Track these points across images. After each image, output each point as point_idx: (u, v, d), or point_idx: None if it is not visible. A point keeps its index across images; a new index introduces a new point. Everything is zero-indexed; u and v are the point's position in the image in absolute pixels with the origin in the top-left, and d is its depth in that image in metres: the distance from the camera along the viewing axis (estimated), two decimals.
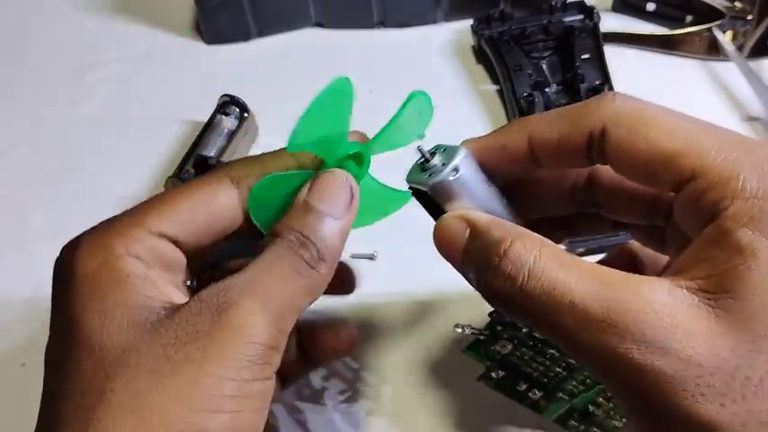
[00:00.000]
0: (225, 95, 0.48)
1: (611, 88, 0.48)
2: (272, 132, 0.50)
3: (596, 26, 0.52)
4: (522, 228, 0.23)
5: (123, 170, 0.49)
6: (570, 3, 0.53)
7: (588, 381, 0.32)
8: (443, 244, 0.25)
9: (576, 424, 0.33)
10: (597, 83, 0.47)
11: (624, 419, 0.32)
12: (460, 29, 0.57)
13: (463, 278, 0.25)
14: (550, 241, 0.22)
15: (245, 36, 0.57)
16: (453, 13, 0.57)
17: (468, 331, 0.32)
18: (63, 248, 0.25)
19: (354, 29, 0.58)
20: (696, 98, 0.50)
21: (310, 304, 0.24)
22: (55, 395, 0.21)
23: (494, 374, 0.33)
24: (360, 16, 0.57)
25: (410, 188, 0.27)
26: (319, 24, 0.58)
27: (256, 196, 0.25)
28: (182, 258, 0.25)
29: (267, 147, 0.50)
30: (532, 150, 0.25)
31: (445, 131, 0.52)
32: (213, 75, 0.55)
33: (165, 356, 0.21)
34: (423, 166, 0.27)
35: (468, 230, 0.24)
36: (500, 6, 0.55)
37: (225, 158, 0.45)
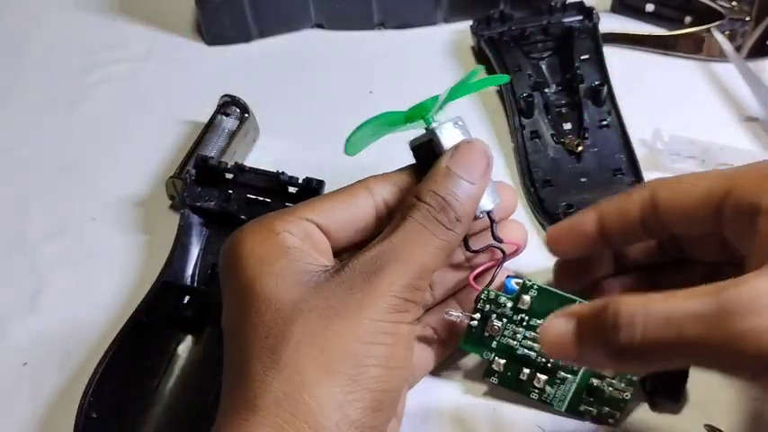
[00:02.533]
0: (225, 96, 0.49)
1: (610, 89, 0.48)
2: (272, 133, 0.50)
3: (596, 27, 0.52)
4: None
5: (123, 170, 0.49)
6: (570, 3, 0.53)
7: None
8: (554, 344, 0.27)
9: (588, 408, 0.34)
10: (596, 83, 0.48)
11: (630, 390, 0.33)
12: (460, 30, 0.57)
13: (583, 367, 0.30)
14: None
15: (245, 37, 0.57)
16: (453, 15, 0.57)
17: (457, 315, 0.33)
18: (228, 237, 0.30)
19: (355, 30, 0.58)
20: (695, 99, 0.51)
21: (447, 261, 0.31)
22: (240, 344, 0.27)
23: (495, 367, 0.34)
24: (360, 17, 0.57)
25: (413, 148, 0.33)
26: (320, 25, 0.58)
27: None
28: (327, 242, 0.30)
29: (267, 147, 0.50)
30: (602, 229, 0.32)
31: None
32: (214, 75, 0.56)
33: (330, 306, 0.26)
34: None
35: (573, 321, 0.26)
36: (500, 7, 0.55)
37: (225, 159, 0.45)
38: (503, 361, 0.34)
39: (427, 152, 0.32)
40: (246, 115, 0.48)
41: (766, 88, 0.49)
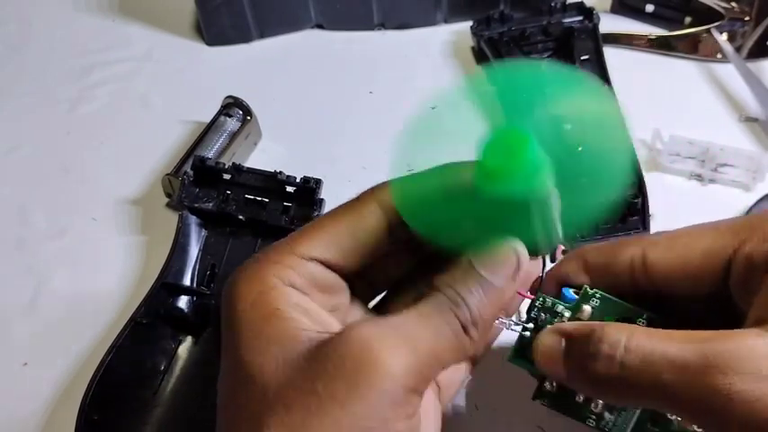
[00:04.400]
0: (229, 97, 0.49)
1: (610, 89, 0.48)
2: (272, 133, 0.50)
3: (596, 27, 0.52)
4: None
5: (123, 170, 0.49)
6: (570, 4, 0.53)
7: None
8: (545, 358, 0.26)
9: None
10: None
11: None
12: (460, 30, 0.57)
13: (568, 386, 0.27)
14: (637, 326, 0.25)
15: (245, 37, 0.57)
16: (453, 15, 0.57)
17: (507, 322, 0.29)
18: (228, 280, 0.26)
19: (355, 30, 0.58)
20: (695, 99, 0.51)
21: (456, 363, 0.25)
22: (227, 418, 0.24)
23: (548, 386, 0.30)
24: (360, 18, 0.57)
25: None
26: (320, 26, 0.58)
27: (401, 192, 0.26)
28: (339, 281, 0.26)
29: (268, 150, 0.50)
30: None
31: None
32: (214, 75, 0.56)
33: (314, 392, 0.22)
34: None
35: (563, 339, 0.26)
36: (499, 8, 0.55)
37: (224, 160, 0.45)
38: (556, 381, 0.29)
39: None
40: (249, 118, 0.48)
41: (766, 88, 0.49)
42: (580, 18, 0.53)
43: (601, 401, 0.29)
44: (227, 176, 0.42)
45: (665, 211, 0.43)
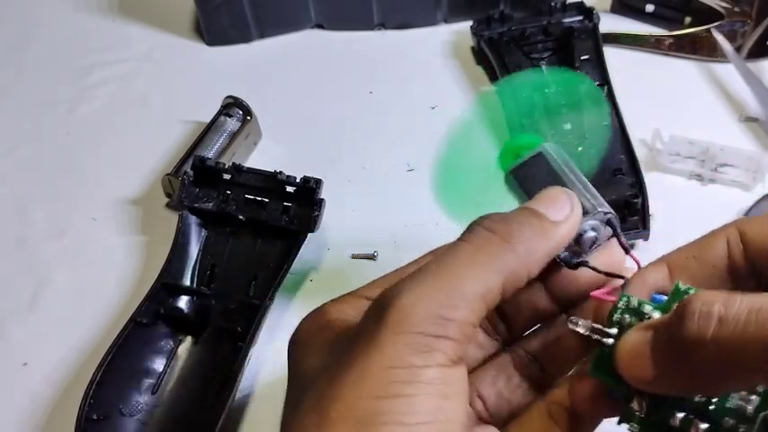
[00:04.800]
0: (229, 97, 0.49)
1: (610, 89, 0.48)
2: (272, 133, 0.50)
3: (596, 27, 0.52)
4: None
5: (123, 170, 0.49)
6: (569, 4, 0.53)
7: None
8: (627, 360, 0.23)
9: None
10: (596, 83, 0.48)
11: None
12: (460, 30, 0.57)
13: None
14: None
15: (245, 37, 0.57)
16: (453, 15, 0.57)
17: (585, 325, 0.25)
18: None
19: (355, 30, 0.58)
20: (695, 99, 0.51)
21: (512, 288, 0.24)
22: (281, 425, 0.24)
23: (636, 407, 0.24)
24: (360, 18, 0.57)
25: (511, 172, 0.29)
26: (320, 26, 0.58)
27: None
28: None
29: (268, 150, 0.50)
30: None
31: (445, 132, 0.52)
32: (214, 75, 0.56)
33: (339, 362, 0.22)
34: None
35: (651, 331, 0.22)
36: (500, 7, 0.55)
37: (224, 159, 0.45)
38: (646, 398, 0.24)
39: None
40: (249, 118, 0.48)
41: (766, 88, 0.49)
42: (580, 18, 0.53)
43: (703, 426, 0.23)
44: (227, 176, 0.42)
45: (665, 211, 0.43)
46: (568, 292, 0.27)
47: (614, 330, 0.25)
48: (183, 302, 0.39)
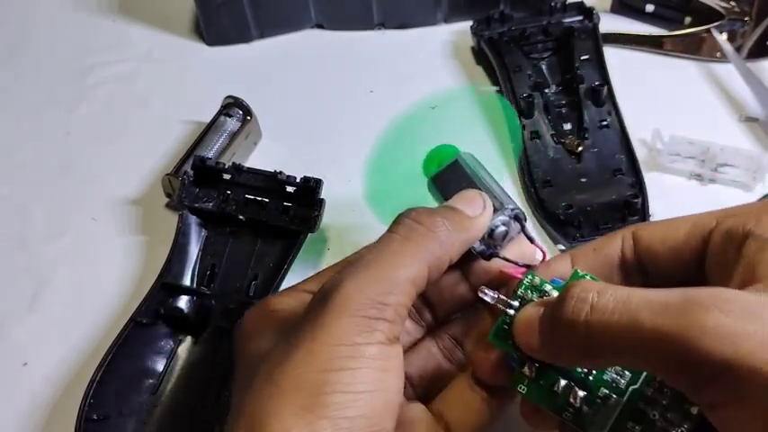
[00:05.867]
0: (229, 97, 0.49)
1: (610, 89, 0.48)
2: (272, 133, 0.50)
3: (596, 27, 0.52)
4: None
5: (123, 170, 0.49)
6: (569, 4, 0.53)
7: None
8: (520, 330, 0.27)
9: None
10: (596, 84, 0.48)
11: (686, 426, 0.26)
12: (460, 30, 0.57)
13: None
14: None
15: (245, 37, 0.57)
16: (453, 15, 0.57)
17: (492, 296, 0.29)
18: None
19: (355, 30, 0.58)
20: (695, 99, 0.51)
21: (436, 274, 0.27)
22: (231, 406, 0.27)
23: (527, 372, 0.28)
24: (360, 17, 0.57)
25: (432, 178, 0.34)
26: (320, 26, 0.58)
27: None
28: None
29: (268, 150, 0.50)
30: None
31: (445, 132, 0.52)
32: (214, 76, 0.56)
33: (288, 342, 0.25)
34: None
35: (542, 307, 0.26)
36: (500, 7, 0.55)
37: (224, 160, 0.45)
38: (536, 365, 0.28)
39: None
40: (249, 118, 0.48)
41: (766, 88, 0.49)
42: (580, 18, 0.53)
43: (581, 393, 0.27)
44: (227, 176, 0.42)
45: (664, 211, 0.43)
46: (484, 281, 0.31)
47: (516, 303, 0.29)
48: (183, 302, 0.39)
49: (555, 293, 0.28)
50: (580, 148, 0.46)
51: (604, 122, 0.47)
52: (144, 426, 0.36)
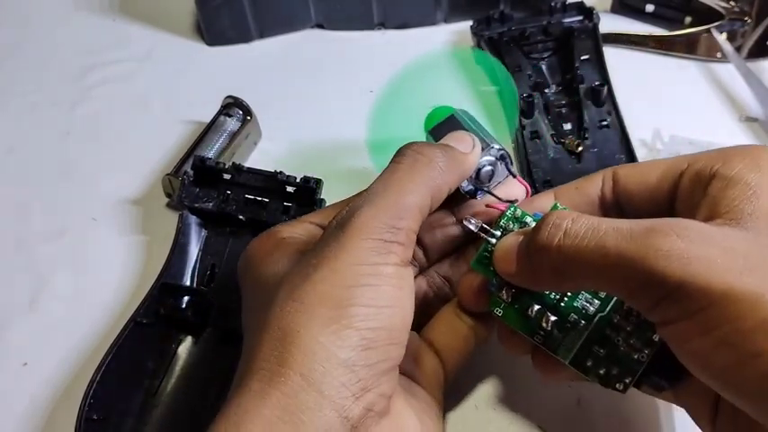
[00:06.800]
0: (229, 97, 0.49)
1: (610, 89, 0.48)
2: (272, 133, 0.50)
3: (596, 27, 0.52)
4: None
5: (123, 170, 0.49)
6: (569, 4, 0.53)
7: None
8: (500, 257, 0.29)
9: (595, 364, 0.29)
10: (596, 84, 0.48)
11: (646, 352, 0.29)
12: (460, 30, 0.57)
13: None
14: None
15: (245, 37, 0.57)
16: (453, 15, 0.57)
17: (476, 224, 0.31)
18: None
19: (355, 30, 0.58)
20: (695, 99, 0.51)
21: (436, 202, 0.29)
22: (246, 332, 0.29)
23: (504, 296, 0.30)
24: (360, 17, 0.57)
25: (430, 131, 0.36)
26: (320, 25, 0.58)
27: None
28: None
29: (268, 150, 0.50)
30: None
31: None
32: (214, 76, 0.56)
33: (310, 264, 0.27)
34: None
35: (521, 236, 0.28)
36: (500, 7, 0.55)
37: (224, 160, 0.45)
38: (512, 290, 0.30)
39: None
40: (249, 118, 0.48)
41: (766, 88, 0.49)
42: (580, 18, 0.53)
43: (552, 318, 0.29)
44: (227, 176, 0.42)
45: None
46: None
47: (498, 233, 0.31)
48: (183, 302, 0.39)
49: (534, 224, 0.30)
50: (580, 148, 0.46)
51: (604, 122, 0.47)
52: (144, 426, 0.36)
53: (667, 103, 0.50)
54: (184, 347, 0.39)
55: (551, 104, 0.49)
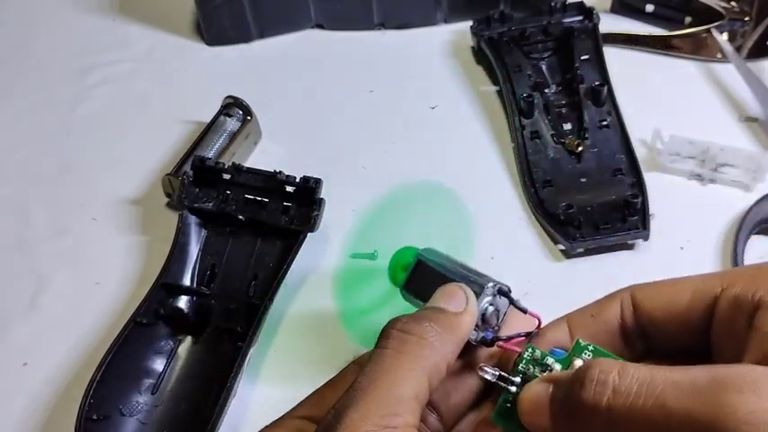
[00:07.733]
0: (229, 97, 0.49)
1: (610, 89, 0.48)
2: (272, 133, 0.50)
3: (596, 27, 0.52)
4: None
5: (123, 170, 0.49)
6: (569, 4, 0.53)
7: None
8: (527, 410, 0.25)
9: None
10: (596, 83, 0.48)
11: None
12: (460, 30, 0.57)
13: None
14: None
15: (245, 37, 0.57)
16: (453, 15, 0.57)
17: (493, 373, 0.27)
18: None
19: (355, 30, 0.58)
20: (695, 99, 0.51)
21: (436, 381, 0.26)
22: None
23: None
24: (360, 18, 0.57)
25: (403, 287, 0.33)
26: (320, 25, 0.58)
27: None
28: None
29: (268, 150, 0.50)
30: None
31: (444, 132, 0.52)
32: (214, 76, 0.56)
33: None
34: None
35: (551, 386, 0.24)
36: (500, 7, 0.55)
37: (224, 160, 0.45)
38: None
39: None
40: (249, 118, 0.48)
41: (766, 88, 0.49)
42: (580, 18, 0.53)
43: None
44: (227, 176, 0.42)
45: (664, 211, 0.43)
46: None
47: (518, 379, 0.26)
48: (182, 302, 0.39)
49: (557, 366, 0.27)
50: (580, 148, 0.46)
51: (604, 122, 0.47)
52: (144, 426, 0.36)
53: (667, 103, 0.50)
54: (184, 347, 0.39)
55: (551, 104, 0.49)
